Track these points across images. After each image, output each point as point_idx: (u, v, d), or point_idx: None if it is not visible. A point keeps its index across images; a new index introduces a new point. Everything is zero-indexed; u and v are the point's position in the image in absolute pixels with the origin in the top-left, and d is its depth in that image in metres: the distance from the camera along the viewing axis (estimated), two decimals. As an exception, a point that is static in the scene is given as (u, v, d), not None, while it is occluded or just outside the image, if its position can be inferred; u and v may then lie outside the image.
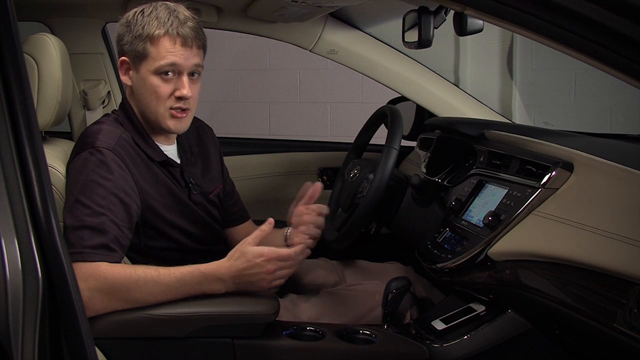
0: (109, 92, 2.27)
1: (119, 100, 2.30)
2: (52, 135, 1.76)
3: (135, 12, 1.59)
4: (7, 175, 0.96)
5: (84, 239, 1.42)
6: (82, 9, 2.18)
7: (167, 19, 1.55)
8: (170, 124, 1.61)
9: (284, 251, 1.46)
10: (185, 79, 1.57)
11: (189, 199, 1.68)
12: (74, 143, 1.67)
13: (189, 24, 1.56)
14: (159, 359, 1.45)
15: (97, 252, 1.41)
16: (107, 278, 1.39)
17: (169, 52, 1.55)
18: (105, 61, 2.26)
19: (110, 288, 1.39)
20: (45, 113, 1.58)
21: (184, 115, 1.61)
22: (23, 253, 0.94)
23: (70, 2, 2.10)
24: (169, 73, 1.56)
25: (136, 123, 1.64)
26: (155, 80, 1.57)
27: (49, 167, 1.04)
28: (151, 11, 1.57)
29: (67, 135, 2.09)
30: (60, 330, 0.98)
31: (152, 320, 1.41)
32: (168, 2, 1.60)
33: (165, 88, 1.57)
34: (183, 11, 1.58)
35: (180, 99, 1.58)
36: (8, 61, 0.98)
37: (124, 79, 1.63)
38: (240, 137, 2.63)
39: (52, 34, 1.77)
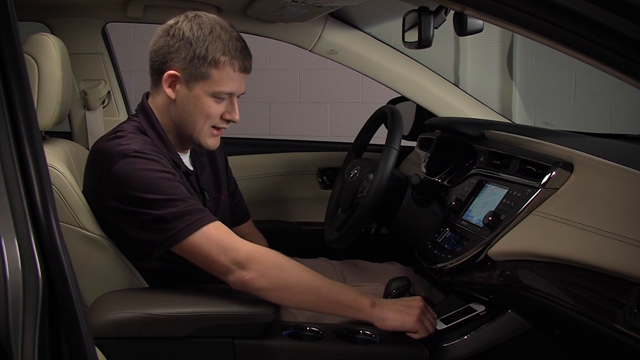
0: (109, 92, 2.27)
1: (119, 100, 2.30)
2: (52, 135, 1.76)
3: (192, 26, 1.55)
4: (7, 175, 0.96)
5: (183, 217, 1.44)
6: (82, 9, 2.18)
7: (228, 42, 1.54)
8: (210, 142, 1.63)
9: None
10: (236, 103, 1.61)
11: (204, 206, 1.68)
12: (74, 143, 1.66)
13: (246, 48, 1.58)
14: (159, 359, 1.45)
15: (204, 216, 1.46)
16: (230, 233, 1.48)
17: (231, 79, 1.56)
18: (105, 61, 2.26)
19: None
20: (46, 113, 1.58)
21: (221, 133, 1.65)
22: (23, 253, 0.94)
23: (70, 2, 2.10)
24: (224, 97, 1.59)
25: (160, 132, 1.62)
26: (209, 102, 1.57)
27: (49, 167, 1.04)
28: (211, 31, 1.54)
29: (67, 135, 2.09)
30: (60, 330, 0.98)
31: (152, 320, 1.41)
32: (212, 16, 1.58)
33: (217, 109, 1.59)
34: (234, 30, 1.58)
35: (228, 121, 1.62)
36: (8, 61, 0.98)
37: (168, 91, 1.58)
38: (240, 137, 2.62)
39: (52, 34, 1.77)
